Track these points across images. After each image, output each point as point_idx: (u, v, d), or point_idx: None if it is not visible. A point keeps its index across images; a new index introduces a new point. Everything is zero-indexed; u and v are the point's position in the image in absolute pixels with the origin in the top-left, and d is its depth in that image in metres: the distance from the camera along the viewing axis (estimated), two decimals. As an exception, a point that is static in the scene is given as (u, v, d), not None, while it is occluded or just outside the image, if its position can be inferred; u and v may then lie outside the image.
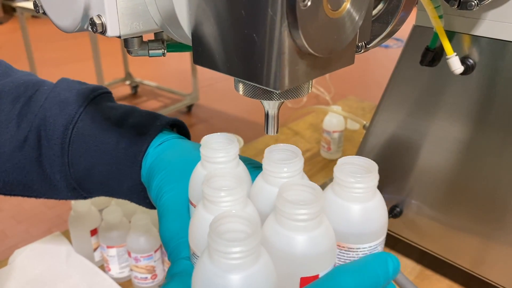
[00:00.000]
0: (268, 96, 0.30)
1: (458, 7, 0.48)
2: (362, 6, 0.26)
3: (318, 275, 0.29)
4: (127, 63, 3.45)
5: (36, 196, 0.51)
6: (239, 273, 0.25)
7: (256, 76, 0.26)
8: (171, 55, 0.38)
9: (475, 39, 0.56)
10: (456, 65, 0.52)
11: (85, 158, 0.47)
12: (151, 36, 0.36)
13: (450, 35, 0.57)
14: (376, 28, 0.35)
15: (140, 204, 0.48)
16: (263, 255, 0.26)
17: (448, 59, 0.52)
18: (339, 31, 0.26)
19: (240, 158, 0.37)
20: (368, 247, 0.32)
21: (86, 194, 0.50)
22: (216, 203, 0.30)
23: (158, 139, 0.46)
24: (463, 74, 0.55)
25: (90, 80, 0.53)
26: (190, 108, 3.22)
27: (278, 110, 0.33)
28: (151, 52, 0.35)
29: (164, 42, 0.36)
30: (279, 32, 0.24)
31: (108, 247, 0.72)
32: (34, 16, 4.89)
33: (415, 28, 0.61)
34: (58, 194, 0.50)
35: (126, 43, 0.33)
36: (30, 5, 2.88)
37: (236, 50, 0.26)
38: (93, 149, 0.46)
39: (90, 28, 0.29)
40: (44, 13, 0.33)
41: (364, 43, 0.34)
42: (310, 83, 0.31)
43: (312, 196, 0.30)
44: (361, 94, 3.26)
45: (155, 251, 0.70)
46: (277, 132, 0.34)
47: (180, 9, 0.28)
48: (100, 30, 0.29)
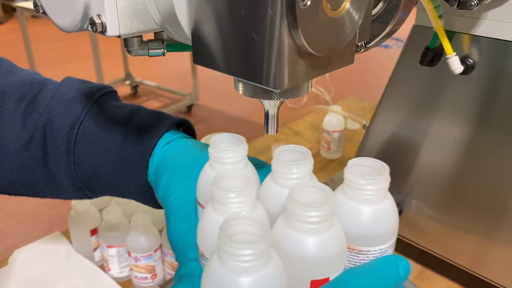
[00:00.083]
0: (268, 95, 0.30)
1: (458, 6, 0.48)
2: (361, 6, 0.26)
3: (328, 278, 0.29)
4: (127, 63, 3.45)
5: (41, 196, 0.51)
6: (249, 276, 0.25)
7: (256, 75, 0.26)
8: (171, 55, 0.38)
9: (475, 38, 0.56)
10: (456, 64, 0.52)
11: (91, 157, 0.46)
12: (151, 36, 0.36)
13: (450, 34, 0.57)
14: (376, 27, 0.35)
15: (146, 204, 0.48)
16: (273, 258, 0.26)
17: (447, 58, 0.52)
18: (339, 30, 0.26)
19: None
20: (379, 250, 0.32)
21: (91, 194, 0.49)
22: (226, 204, 0.30)
23: (165, 138, 0.45)
24: (462, 73, 0.55)
25: (90, 80, 0.52)
26: (190, 108, 3.23)
27: (278, 110, 0.33)
28: (151, 51, 0.35)
29: (164, 41, 0.36)
30: (279, 31, 0.24)
31: (108, 247, 0.72)
32: (34, 16, 4.89)
33: (415, 28, 0.61)
34: (63, 194, 0.49)
35: (126, 42, 0.33)
36: (30, 5, 2.88)
37: (236, 49, 0.26)
38: (99, 148, 0.46)
39: (90, 28, 0.29)
40: (44, 12, 0.33)
41: (364, 42, 0.34)
42: (310, 83, 0.31)
43: (322, 198, 0.30)
44: (361, 94, 3.26)
45: (155, 251, 0.70)
46: (276, 132, 0.34)
47: (180, 8, 0.28)
48: (100, 29, 0.29)
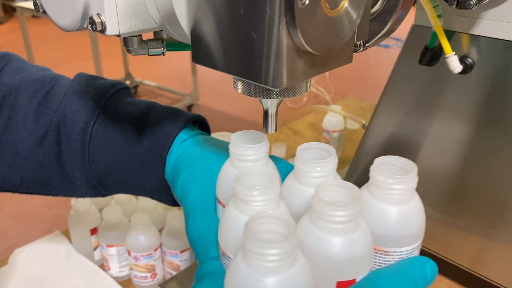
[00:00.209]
0: (266, 94, 0.30)
1: (456, 6, 0.48)
2: (360, 5, 0.26)
3: (355, 280, 0.28)
4: (127, 63, 3.45)
5: (53, 194, 0.50)
6: (275, 276, 0.24)
7: (255, 74, 0.26)
8: (171, 54, 0.38)
9: (474, 38, 0.56)
10: (454, 64, 0.53)
11: (106, 155, 0.45)
12: (151, 35, 0.36)
13: (449, 34, 0.57)
14: (374, 27, 0.35)
15: (162, 202, 0.47)
16: (299, 258, 0.25)
17: (446, 58, 0.52)
18: (337, 29, 0.26)
19: None
20: (405, 251, 0.31)
21: (105, 192, 0.49)
22: (249, 202, 0.29)
23: (182, 135, 0.45)
24: (461, 73, 0.55)
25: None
26: (190, 108, 3.23)
27: (277, 109, 0.34)
28: (150, 51, 0.35)
29: (164, 41, 0.36)
30: (277, 30, 0.24)
31: (108, 246, 0.72)
32: (34, 16, 4.89)
33: (414, 28, 0.61)
34: (76, 192, 0.49)
35: (126, 42, 0.33)
36: (30, 5, 2.88)
37: (235, 48, 0.26)
38: (114, 145, 0.45)
39: (89, 27, 0.29)
40: (44, 12, 0.33)
41: (362, 41, 0.34)
42: (309, 81, 0.31)
43: (349, 197, 0.29)
44: (361, 94, 3.26)
45: (154, 250, 0.70)
46: (275, 131, 0.34)
47: (179, 8, 0.28)
48: (99, 28, 0.29)
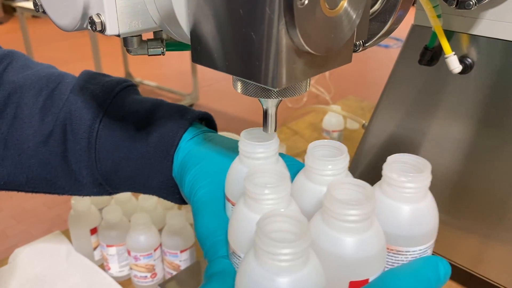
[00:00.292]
0: (266, 94, 0.30)
1: (456, 6, 0.48)
2: (359, 5, 0.27)
3: (368, 279, 0.28)
4: (127, 63, 3.45)
5: (59, 193, 0.50)
6: (288, 276, 0.24)
7: (254, 74, 0.26)
8: (171, 55, 0.38)
9: (474, 38, 0.56)
10: (454, 64, 0.53)
11: (113, 152, 0.45)
12: (151, 35, 0.36)
13: (449, 34, 0.57)
14: (374, 27, 0.35)
15: (169, 200, 0.47)
16: (312, 258, 0.25)
17: (446, 58, 0.53)
18: (337, 29, 0.26)
19: None
20: (418, 251, 0.31)
21: (111, 190, 0.49)
22: (260, 201, 0.28)
23: (190, 132, 0.44)
24: (461, 73, 0.55)
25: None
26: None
27: (277, 108, 0.34)
28: (150, 50, 0.35)
29: (163, 41, 0.36)
30: (277, 30, 0.24)
31: (108, 246, 0.72)
32: (34, 16, 4.90)
33: (414, 28, 0.61)
34: (82, 190, 0.48)
35: (126, 42, 0.33)
36: (30, 5, 2.88)
37: (234, 48, 0.26)
38: (121, 143, 0.45)
39: (89, 27, 0.29)
40: (44, 12, 0.33)
41: (362, 41, 0.34)
42: (308, 81, 0.31)
43: (362, 196, 0.28)
44: (361, 94, 3.26)
45: (154, 250, 0.70)
46: (275, 131, 0.34)
47: (178, 8, 0.29)
48: (99, 28, 0.29)
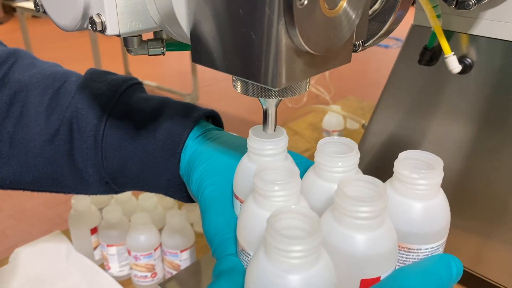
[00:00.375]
0: (266, 94, 0.30)
1: (456, 6, 0.48)
2: (358, 5, 0.27)
3: (379, 277, 0.27)
4: (127, 63, 3.45)
5: (65, 192, 0.49)
6: (299, 273, 0.23)
7: (254, 74, 0.26)
8: (171, 55, 0.38)
9: (473, 38, 0.56)
10: (454, 64, 0.53)
11: (119, 151, 0.45)
12: (151, 35, 0.37)
13: (448, 34, 0.57)
14: (373, 27, 0.36)
15: (176, 198, 0.47)
16: (323, 255, 0.25)
17: (446, 58, 0.53)
18: (336, 29, 0.26)
19: None
20: (430, 248, 0.30)
21: (118, 189, 0.48)
22: (269, 197, 0.28)
23: (197, 130, 0.44)
24: (461, 73, 0.55)
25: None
26: (190, 108, 3.23)
27: (276, 108, 0.34)
28: (150, 51, 0.36)
29: (164, 41, 0.36)
30: (276, 30, 0.24)
31: (108, 246, 0.72)
32: (34, 16, 4.90)
33: (414, 28, 0.61)
34: (88, 189, 0.48)
35: (126, 42, 0.34)
36: (30, 5, 2.88)
37: (234, 48, 0.27)
38: (128, 141, 0.45)
39: (89, 27, 0.29)
40: (44, 12, 0.33)
41: (361, 41, 0.34)
42: (308, 81, 0.31)
43: (373, 193, 0.28)
44: (361, 94, 3.26)
45: (154, 250, 0.70)
46: (274, 130, 0.34)
47: (178, 8, 0.29)
48: (99, 28, 0.29)
